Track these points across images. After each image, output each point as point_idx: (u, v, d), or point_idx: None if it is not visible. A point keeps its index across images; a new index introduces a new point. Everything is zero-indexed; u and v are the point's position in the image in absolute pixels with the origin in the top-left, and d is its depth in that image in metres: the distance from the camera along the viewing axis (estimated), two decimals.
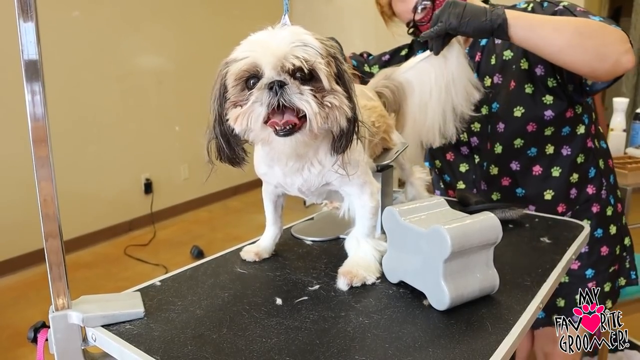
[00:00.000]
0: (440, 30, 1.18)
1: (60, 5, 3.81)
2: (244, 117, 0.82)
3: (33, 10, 0.72)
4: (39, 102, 0.74)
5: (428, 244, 0.84)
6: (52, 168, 0.76)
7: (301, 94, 0.80)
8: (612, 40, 1.16)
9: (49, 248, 0.78)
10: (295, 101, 0.80)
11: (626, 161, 1.94)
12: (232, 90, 0.85)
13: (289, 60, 0.80)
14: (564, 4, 1.31)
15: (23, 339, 0.86)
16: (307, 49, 0.81)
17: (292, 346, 0.75)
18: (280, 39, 0.82)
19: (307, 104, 0.80)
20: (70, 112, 3.88)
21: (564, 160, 1.47)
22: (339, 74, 0.86)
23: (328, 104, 0.82)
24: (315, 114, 0.80)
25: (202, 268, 1.06)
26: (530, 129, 1.43)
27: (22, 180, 3.30)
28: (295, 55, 0.80)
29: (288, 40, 0.81)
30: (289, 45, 0.81)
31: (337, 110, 0.83)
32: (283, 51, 0.80)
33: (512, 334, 0.77)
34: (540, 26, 1.16)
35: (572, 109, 1.44)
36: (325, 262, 1.07)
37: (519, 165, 1.49)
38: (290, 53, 0.80)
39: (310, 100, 0.80)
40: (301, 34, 0.84)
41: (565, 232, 1.22)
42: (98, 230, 4.22)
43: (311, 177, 0.95)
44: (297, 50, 0.81)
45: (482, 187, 1.56)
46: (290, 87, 0.80)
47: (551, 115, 1.41)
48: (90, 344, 0.82)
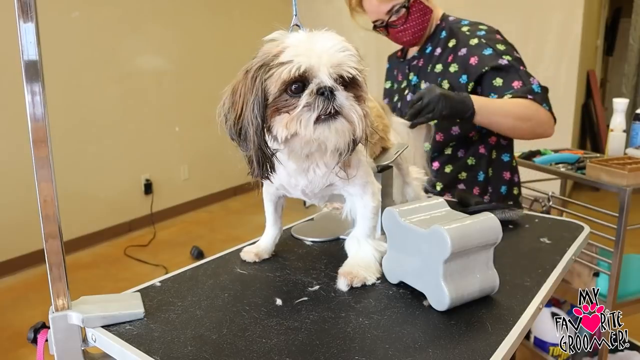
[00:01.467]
0: (433, 118, 1.39)
1: (60, 6, 3.81)
2: (292, 123, 0.81)
3: (33, 11, 0.72)
4: (39, 103, 0.74)
5: (428, 245, 0.84)
6: (52, 169, 0.76)
7: (348, 100, 0.82)
8: (543, 121, 1.52)
9: (49, 249, 0.78)
10: (347, 107, 0.82)
11: (626, 162, 1.93)
12: (277, 96, 0.82)
13: (344, 68, 0.82)
14: (509, 59, 1.54)
15: (23, 340, 0.86)
16: (354, 57, 0.84)
17: (292, 347, 0.75)
18: (327, 44, 0.83)
19: (354, 110, 0.83)
20: (70, 113, 3.88)
21: (457, 159, 1.69)
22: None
23: (367, 110, 0.86)
24: (361, 117, 0.83)
25: (202, 269, 1.06)
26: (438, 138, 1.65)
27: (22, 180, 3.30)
28: (350, 65, 0.83)
29: (338, 48, 0.83)
30: (340, 52, 0.83)
31: (369, 118, 0.86)
32: (337, 58, 0.82)
33: (512, 335, 0.77)
34: (494, 114, 1.47)
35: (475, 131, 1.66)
36: (325, 263, 1.07)
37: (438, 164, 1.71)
38: (345, 61, 0.82)
39: (356, 106, 0.83)
40: (341, 39, 0.85)
41: (565, 232, 1.22)
42: (98, 230, 4.22)
43: (316, 178, 0.95)
44: (348, 59, 0.83)
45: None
46: (340, 92, 0.82)
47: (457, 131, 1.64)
48: (90, 345, 0.82)
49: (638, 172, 1.84)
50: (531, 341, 2.35)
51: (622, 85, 6.25)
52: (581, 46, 4.74)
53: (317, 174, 0.95)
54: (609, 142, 2.18)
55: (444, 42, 1.66)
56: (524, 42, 4.94)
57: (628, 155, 2.10)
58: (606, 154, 2.19)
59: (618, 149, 2.15)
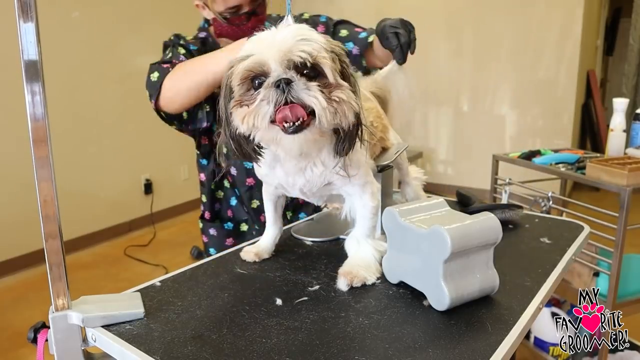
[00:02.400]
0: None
1: (60, 6, 3.81)
2: (250, 116, 0.81)
3: (33, 10, 0.72)
4: (39, 103, 0.74)
5: (428, 245, 0.84)
6: (52, 168, 0.76)
7: (308, 90, 0.79)
8: None
9: (49, 248, 0.78)
10: (304, 97, 0.79)
11: (626, 162, 1.93)
12: (238, 90, 0.84)
13: (294, 54, 0.79)
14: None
15: (23, 340, 0.86)
16: (312, 44, 0.81)
17: (292, 346, 0.75)
18: (284, 35, 0.82)
19: (315, 100, 0.79)
20: (70, 113, 3.88)
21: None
22: (343, 72, 0.86)
23: (336, 98, 0.81)
24: (324, 108, 0.79)
25: (202, 268, 1.06)
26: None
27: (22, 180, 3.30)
28: (300, 49, 0.79)
29: (292, 36, 0.81)
30: (293, 39, 0.81)
31: (345, 105, 0.82)
32: (287, 45, 0.80)
33: (512, 335, 0.77)
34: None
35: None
36: (325, 263, 1.07)
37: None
38: (295, 47, 0.80)
39: (318, 95, 0.79)
40: (305, 29, 0.84)
41: (565, 232, 1.22)
42: (98, 230, 4.22)
43: (314, 177, 0.95)
44: (301, 44, 0.80)
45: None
46: (297, 83, 0.79)
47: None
48: (90, 345, 0.82)
49: (638, 172, 1.84)
50: (531, 341, 2.35)
51: (622, 85, 6.25)
52: (581, 46, 4.74)
53: (314, 173, 0.95)
54: (609, 142, 2.18)
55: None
56: (524, 42, 4.95)
57: (628, 155, 2.10)
58: (606, 154, 2.19)
59: (618, 148, 2.15)
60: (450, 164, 5.49)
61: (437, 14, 5.23)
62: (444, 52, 5.29)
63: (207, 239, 1.58)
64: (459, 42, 5.25)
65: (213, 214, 1.56)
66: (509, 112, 5.15)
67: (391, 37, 1.20)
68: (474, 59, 5.20)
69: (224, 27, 1.41)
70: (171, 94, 1.29)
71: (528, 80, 4.99)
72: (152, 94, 1.32)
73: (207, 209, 1.55)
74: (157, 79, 1.31)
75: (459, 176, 5.36)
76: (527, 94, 5.01)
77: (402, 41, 1.20)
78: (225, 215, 1.57)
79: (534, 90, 4.97)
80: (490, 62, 5.12)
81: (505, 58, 5.05)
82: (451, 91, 5.34)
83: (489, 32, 5.05)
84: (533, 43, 4.92)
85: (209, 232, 1.56)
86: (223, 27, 1.41)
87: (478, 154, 5.27)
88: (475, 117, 5.29)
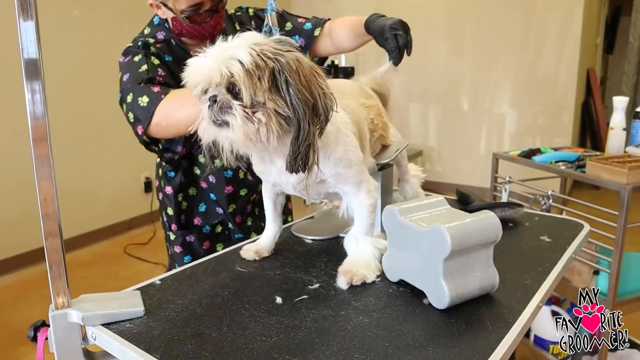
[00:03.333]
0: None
1: (60, 4, 3.80)
2: (200, 128, 0.90)
3: (33, 9, 0.72)
4: (39, 101, 0.74)
5: (428, 243, 0.84)
6: (52, 167, 0.76)
7: (229, 108, 0.83)
8: None
9: (48, 247, 0.78)
10: (223, 114, 0.84)
11: (626, 160, 1.93)
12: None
13: (215, 76, 0.83)
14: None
15: (23, 338, 0.86)
16: (232, 64, 0.82)
17: (292, 345, 0.75)
18: (210, 56, 0.85)
19: (232, 118, 0.83)
20: (70, 111, 3.88)
21: None
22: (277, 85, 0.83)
23: (256, 119, 0.83)
24: (238, 127, 0.83)
25: (202, 267, 1.06)
26: None
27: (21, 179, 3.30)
28: (219, 71, 0.83)
29: (214, 56, 0.84)
30: (215, 61, 0.83)
31: (265, 127, 0.83)
32: (209, 68, 0.84)
33: (512, 333, 0.77)
34: None
35: None
36: (325, 261, 1.07)
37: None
38: (216, 69, 0.83)
39: (237, 114, 0.83)
40: (232, 49, 0.83)
41: (565, 230, 1.22)
42: (98, 229, 4.22)
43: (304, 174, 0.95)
44: (221, 65, 0.83)
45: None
46: (219, 101, 0.84)
47: None
48: (90, 343, 0.82)
49: (638, 171, 1.84)
50: (531, 339, 2.35)
51: (622, 83, 6.25)
52: (581, 44, 4.73)
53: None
54: (609, 141, 2.18)
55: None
56: (525, 40, 4.94)
57: (628, 154, 2.10)
58: (606, 152, 2.19)
59: (618, 147, 2.15)
60: (450, 162, 5.49)
61: (437, 12, 5.23)
62: (444, 50, 5.28)
63: (180, 249, 1.52)
64: (459, 41, 5.24)
65: (179, 225, 1.52)
66: (508, 111, 5.15)
67: (391, 38, 1.21)
68: (474, 58, 5.19)
69: (185, 27, 1.36)
70: (166, 123, 1.23)
71: (528, 79, 4.99)
72: (141, 120, 1.26)
73: (174, 222, 1.51)
74: (148, 104, 1.25)
75: (458, 174, 5.36)
76: (527, 92, 5.00)
77: (400, 43, 1.21)
78: (191, 224, 1.53)
79: (533, 88, 4.96)
80: (490, 61, 5.11)
81: (506, 56, 5.04)
82: (451, 89, 5.34)
83: (489, 30, 5.04)
84: (533, 41, 4.92)
85: (185, 240, 1.52)
86: (183, 26, 1.37)
87: (478, 152, 5.27)
88: (475, 116, 5.29)
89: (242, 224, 1.52)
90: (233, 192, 1.48)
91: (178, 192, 1.48)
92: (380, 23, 1.24)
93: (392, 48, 1.21)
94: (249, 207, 1.55)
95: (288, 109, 0.83)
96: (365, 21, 1.31)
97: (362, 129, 1.05)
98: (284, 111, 0.83)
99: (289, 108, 0.83)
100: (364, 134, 1.05)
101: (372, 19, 1.28)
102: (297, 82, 0.83)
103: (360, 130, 1.03)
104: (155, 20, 1.48)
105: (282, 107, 0.83)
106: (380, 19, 1.25)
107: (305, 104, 0.83)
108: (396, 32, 1.21)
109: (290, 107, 0.83)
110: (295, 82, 0.83)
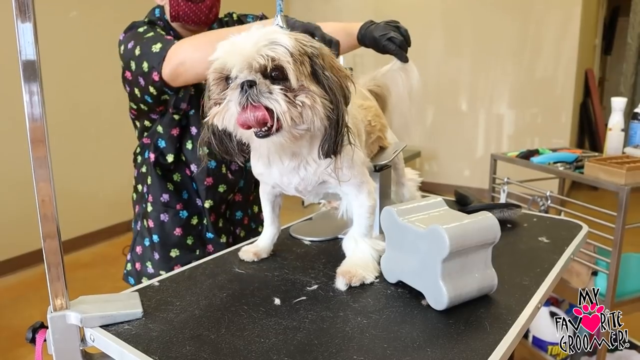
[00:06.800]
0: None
1: (58, 6, 3.81)
2: (220, 115, 0.84)
3: (31, 10, 0.71)
4: (37, 103, 0.74)
5: (426, 244, 0.84)
6: (50, 168, 0.76)
7: (270, 93, 0.80)
8: None
9: (47, 248, 0.78)
10: (263, 100, 0.80)
11: (624, 161, 1.94)
12: (214, 89, 0.87)
13: (255, 60, 0.81)
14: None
15: (21, 340, 0.85)
16: (276, 48, 0.81)
17: (290, 346, 0.75)
18: (249, 39, 0.83)
19: (275, 103, 0.80)
20: (68, 112, 3.88)
21: None
22: (316, 74, 0.85)
23: (300, 103, 0.82)
24: (284, 112, 0.80)
25: (201, 268, 1.06)
26: None
27: (20, 180, 3.30)
28: (261, 54, 0.81)
29: (256, 40, 0.82)
30: (256, 44, 0.82)
31: (310, 110, 0.82)
32: (250, 51, 0.81)
33: (511, 334, 0.77)
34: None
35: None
36: (324, 262, 1.07)
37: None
38: (257, 52, 0.81)
39: (279, 99, 0.80)
40: (273, 33, 0.84)
41: (564, 231, 1.22)
42: (96, 230, 4.22)
43: (308, 175, 0.96)
44: (264, 49, 0.81)
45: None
46: (259, 85, 0.80)
47: None
48: (89, 345, 0.82)
49: (636, 171, 1.84)
50: (529, 340, 2.35)
51: (621, 84, 6.26)
52: (579, 45, 4.75)
53: (308, 172, 0.95)
54: (607, 141, 2.18)
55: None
56: (523, 41, 4.95)
57: (626, 154, 2.10)
58: (604, 153, 2.20)
59: (616, 148, 2.16)
60: (448, 163, 5.49)
61: (435, 12, 5.24)
62: (442, 51, 5.29)
63: (152, 224, 1.48)
64: (457, 41, 5.25)
65: (159, 204, 1.48)
66: (507, 111, 5.16)
67: (387, 43, 1.22)
68: (472, 58, 5.20)
69: (182, 7, 1.40)
70: (189, 63, 1.20)
71: (526, 80, 5.00)
72: (155, 65, 1.25)
73: (151, 193, 1.48)
74: (162, 48, 1.25)
75: (457, 175, 5.37)
76: (525, 93, 5.01)
77: (397, 42, 1.21)
78: (172, 206, 1.50)
79: (532, 89, 4.97)
80: (488, 61, 5.12)
81: (504, 57, 5.06)
82: (449, 90, 5.35)
83: (487, 31, 5.05)
84: (531, 42, 4.93)
85: (158, 217, 1.47)
86: (180, 7, 1.41)
87: (476, 153, 5.28)
88: (473, 116, 5.30)
89: (215, 223, 1.51)
90: (212, 186, 1.48)
91: (154, 169, 1.48)
92: (370, 36, 1.25)
93: (393, 50, 1.22)
94: (222, 207, 1.54)
95: (327, 93, 0.85)
96: (357, 38, 1.31)
97: (359, 130, 1.05)
98: (323, 95, 0.84)
99: (328, 92, 0.85)
100: (360, 136, 1.05)
101: (363, 34, 1.28)
102: (330, 67, 0.86)
103: (357, 131, 1.03)
104: (156, 11, 1.53)
105: (321, 91, 0.84)
106: (368, 31, 1.26)
107: (340, 87, 0.86)
108: (386, 35, 1.22)
109: (329, 91, 0.85)
110: (329, 67, 0.86)
